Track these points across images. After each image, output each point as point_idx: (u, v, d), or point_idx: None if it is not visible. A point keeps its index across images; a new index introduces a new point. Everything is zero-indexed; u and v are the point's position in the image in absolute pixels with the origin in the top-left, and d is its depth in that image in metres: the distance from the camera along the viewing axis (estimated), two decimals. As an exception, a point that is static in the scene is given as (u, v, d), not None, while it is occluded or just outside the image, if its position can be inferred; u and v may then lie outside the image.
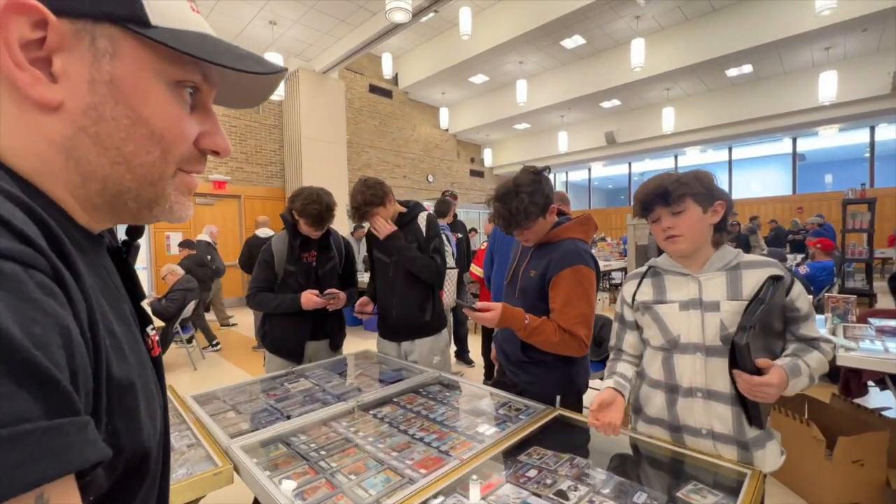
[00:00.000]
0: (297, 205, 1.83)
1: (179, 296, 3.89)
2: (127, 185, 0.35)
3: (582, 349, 1.35)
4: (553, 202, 1.41)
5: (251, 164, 8.12)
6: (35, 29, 0.29)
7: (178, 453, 1.13)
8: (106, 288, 0.34)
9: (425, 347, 1.89)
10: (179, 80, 0.36)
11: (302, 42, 7.46)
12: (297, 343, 1.92)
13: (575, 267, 1.35)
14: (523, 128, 12.87)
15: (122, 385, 0.30)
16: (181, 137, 0.37)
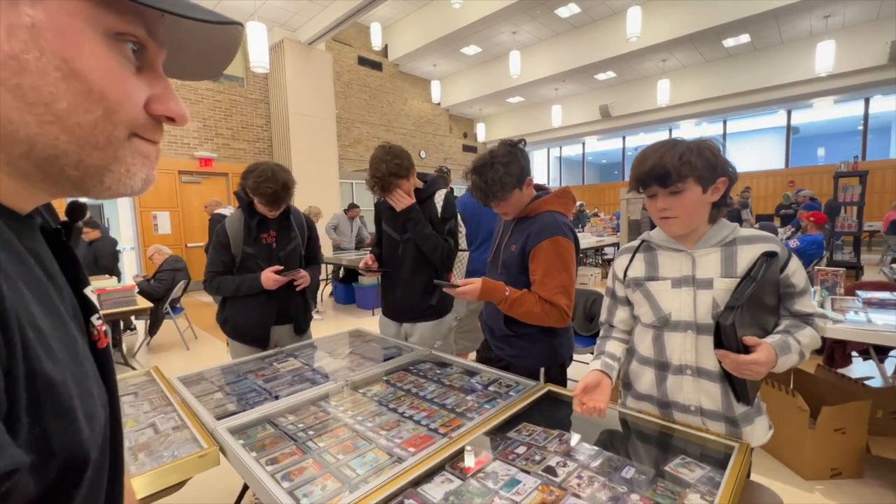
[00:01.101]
0: (249, 182, 1.68)
1: (168, 276, 3.84)
2: (62, 147, 0.30)
3: (564, 319, 1.37)
4: (529, 174, 1.43)
5: (238, 140, 7.90)
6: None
7: (164, 435, 1.11)
8: (31, 277, 0.30)
9: (427, 331, 1.85)
10: (118, 31, 0.31)
11: (286, 11, 7.14)
12: (261, 328, 1.81)
13: (553, 238, 1.36)
14: (517, 101, 12.63)
15: (51, 384, 0.27)
16: (126, 97, 0.32)
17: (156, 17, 0.34)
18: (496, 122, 14.03)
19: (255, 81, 8.10)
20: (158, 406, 1.29)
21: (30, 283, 0.29)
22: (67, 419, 0.28)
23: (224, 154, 7.70)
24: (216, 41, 0.38)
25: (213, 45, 0.39)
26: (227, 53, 0.40)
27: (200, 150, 7.39)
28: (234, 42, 0.39)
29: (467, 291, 1.38)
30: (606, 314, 1.29)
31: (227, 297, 1.83)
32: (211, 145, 7.54)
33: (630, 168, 1.09)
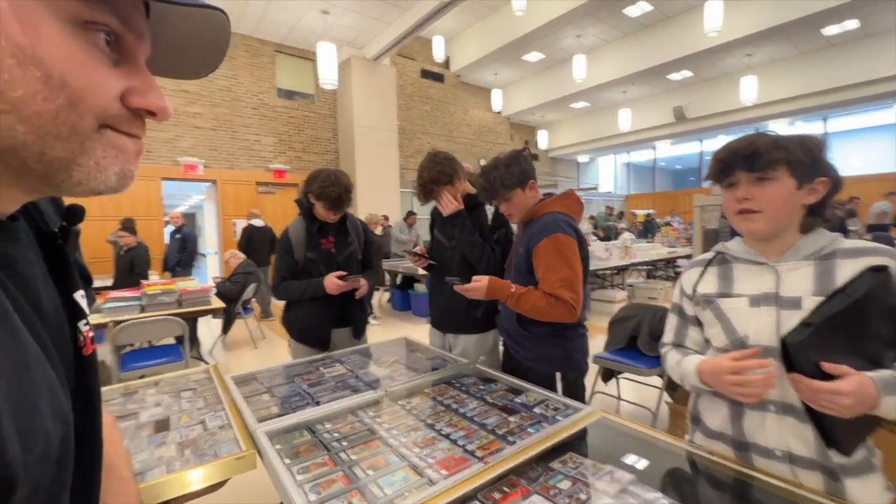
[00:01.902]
0: (314, 187, 1.78)
1: (241, 278, 4.14)
2: (21, 138, 0.28)
3: (571, 313, 1.40)
4: (533, 177, 1.53)
5: (308, 153, 8.44)
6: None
7: (210, 434, 1.15)
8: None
9: (470, 344, 1.80)
10: (85, 19, 0.30)
11: (353, 29, 7.54)
12: (322, 330, 1.91)
13: (551, 235, 1.42)
14: (581, 106, 12.20)
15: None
16: (93, 85, 0.30)
17: (129, 5, 0.32)
18: (559, 128, 13.66)
19: (325, 97, 8.62)
20: (211, 403, 1.35)
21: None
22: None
23: (296, 166, 8.26)
24: (205, 33, 0.36)
25: (202, 39, 0.37)
26: (218, 47, 0.38)
27: (275, 163, 7.99)
28: (223, 32, 0.37)
29: (475, 288, 1.48)
30: (674, 335, 1.14)
31: (290, 302, 1.92)
32: (284, 158, 8.13)
33: (712, 157, 0.95)
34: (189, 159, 7.13)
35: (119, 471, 0.52)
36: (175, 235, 5.68)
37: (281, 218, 8.15)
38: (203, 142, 7.33)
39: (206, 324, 4.85)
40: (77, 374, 0.38)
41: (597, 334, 4.58)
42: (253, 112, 7.82)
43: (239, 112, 7.67)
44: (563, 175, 15.11)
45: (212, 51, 0.38)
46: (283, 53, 8.20)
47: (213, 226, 7.83)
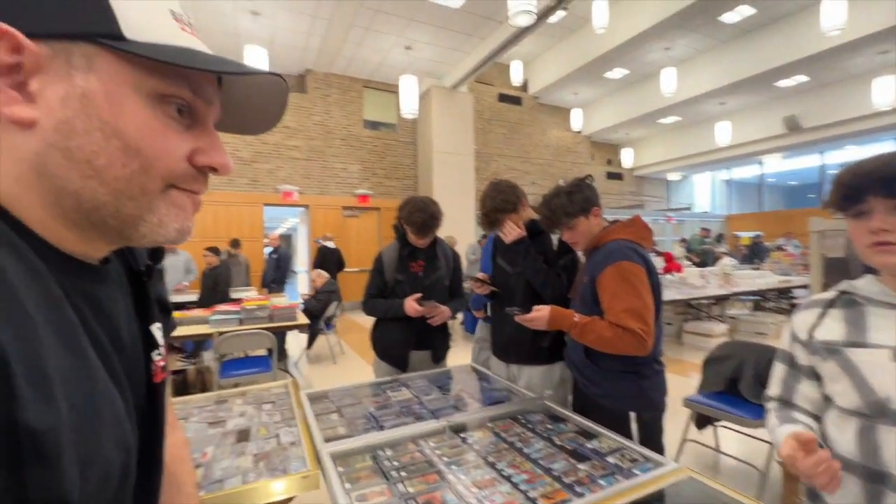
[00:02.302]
0: (404, 213, 1.89)
1: (324, 297, 4.45)
2: (102, 199, 0.34)
3: (641, 344, 1.30)
4: (597, 204, 1.48)
5: (390, 178, 8.95)
6: (13, 53, 0.30)
7: (283, 448, 1.22)
8: (61, 321, 0.33)
9: (535, 377, 1.71)
10: (162, 93, 0.35)
11: (433, 61, 7.93)
12: (402, 351, 1.96)
13: (616, 263, 1.35)
14: (671, 121, 11.39)
15: (33, 432, 0.27)
16: (163, 151, 0.35)
17: (201, 77, 0.37)
18: (646, 145, 12.86)
19: (406, 126, 9.12)
20: (287, 419, 1.43)
21: (57, 326, 0.32)
22: (49, 467, 0.28)
23: (378, 191, 8.79)
24: (267, 96, 0.42)
25: (265, 101, 0.42)
26: (277, 107, 0.43)
27: (359, 188, 8.58)
28: (282, 93, 0.41)
29: (536, 318, 1.44)
30: (780, 387, 0.96)
31: (378, 319, 2.03)
32: (368, 184, 8.71)
33: (834, 180, 0.81)
34: (286, 187, 7.96)
35: (187, 488, 0.56)
36: (272, 255, 6.32)
37: (364, 240, 8.69)
38: (299, 171, 8.16)
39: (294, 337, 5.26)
40: (147, 400, 0.42)
41: (690, 372, 4.09)
42: (342, 142, 8.54)
43: (330, 143, 8.43)
44: (651, 195, 14.09)
45: (273, 110, 0.43)
46: (370, 88, 8.89)
47: (304, 246, 8.58)
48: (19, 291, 0.29)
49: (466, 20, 6.59)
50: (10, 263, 0.30)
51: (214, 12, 6.27)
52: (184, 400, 1.61)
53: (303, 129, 8.21)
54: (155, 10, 0.35)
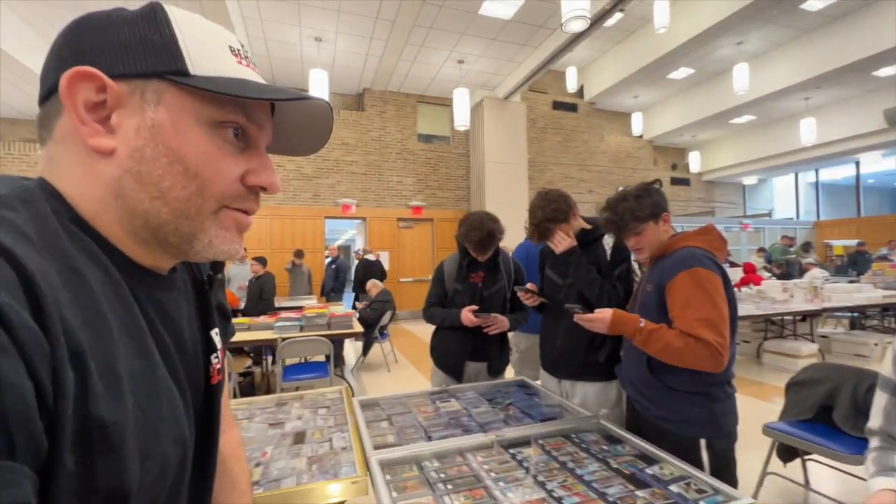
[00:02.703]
0: (461, 231, 1.90)
1: (379, 306, 4.58)
2: (164, 218, 0.37)
3: (716, 358, 1.18)
4: (667, 210, 1.39)
5: (443, 189, 9.09)
6: (98, 92, 0.35)
7: (335, 453, 1.26)
8: (132, 324, 0.36)
9: (590, 394, 1.62)
10: (220, 120, 0.39)
11: (486, 73, 7.99)
12: (457, 360, 1.96)
13: (691, 269, 1.25)
14: (745, 121, 10.52)
15: (103, 424, 0.30)
16: (219, 174, 0.39)
17: (254, 105, 0.40)
18: (715, 148, 11.96)
19: (459, 137, 9.25)
20: (339, 424, 1.48)
21: (129, 330, 0.35)
22: (114, 457, 0.31)
23: (431, 202, 8.95)
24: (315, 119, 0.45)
25: (312, 124, 0.46)
26: (326, 128, 0.46)
27: (414, 200, 8.80)
28: (327, 117, 0.45)
29: (597, 319, 1.36)
30: (883, 419, 0.84)
31: (437, 328, 2.06)
32: (422, 196, 8.90)
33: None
34: (346, 200, 8.37)
35: (241, 485, 0.59)
36: (331, 265, 6.64)
37: (418, 250, 8.86)
38: (357, 185, 8.54)
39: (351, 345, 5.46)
40: (204, 400, 0.46)
41: (772, 396, 3.68)
42: (397, 156, 8.83)
43: (385, 157, 8.75)
44: (724, 200, 13.02)
45: (320, 133, 0.47)
46: (424, 103, 9.14)
47: (361, 257, 8.93)
48: (99, 298, 0.33)
49: (518, 30, 6.58)
50: (93, 272, 0.34)
51: (283, 42, 6.82)
52: (249, 401, 1.72)
53: (361, 145, 8.61)
54: (215, 48, 0.39)
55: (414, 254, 8.86)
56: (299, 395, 1.78)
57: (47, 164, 0.37)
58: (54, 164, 0.37)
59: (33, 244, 0.30)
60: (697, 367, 1.21)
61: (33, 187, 0.34)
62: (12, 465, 0.24)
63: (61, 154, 0.36)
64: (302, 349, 3.30)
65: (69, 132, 0.36)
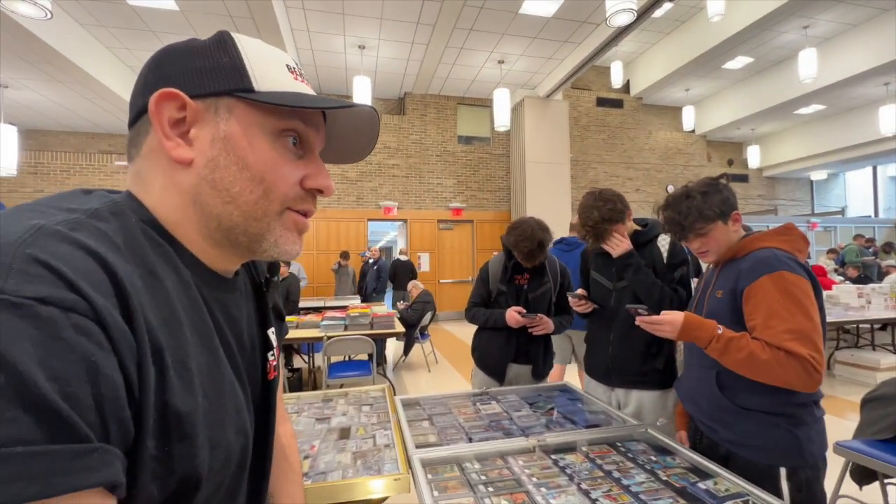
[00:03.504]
0: (511, 238, 1.88)
1: (420, 307, 4.64)
2: (235, 220, 0.41)
3: (811, 377, 1.02)
4: (736, 209, 1.25)
5: (482, 191, 9.06)
6: (180, 110, 0.39)
7: (378, 449, 1.29)
8: (201, 324, 0.40)
9: (647, 403, 1.54)
10: (281, 129, 0.42)
11: (527, 72, 7.89)
12: (499, 362, 1.95)
13: (776, 273, 1.09)
14: (813, 111, 9.69)
15: (178, 413, 0.34)
16: (281, 178, 0.42)
17: (310, 113, 0.44)
18: (778, 141, 11.10)
19: (499, 138, 9.18)
20: (382, 421, 1.52)
21: (199, 328, 0.39)
22: (188, 444, 0.34)
23: (471, 204, 8.95)
24: (363, 126, 0.48)
25: (361, 130, 0.49)
26: (373, 135, 0.50)
27: (454, 202, 8.83)
28: (374, 126, 0.48)
29: (666, 322, 1.19)
30: None
31: (479, 328, 2.06)
32: (462, 197, 8.92)
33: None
34: (387, 203, 8.55)
35: (294, 475, 0.63)
36: (373, 267, 6.81)
37: (458, 251, 8.89)
38: (398, 187, 8.71)
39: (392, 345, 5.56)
40: (262, 395, 0.49)
41: (845, 411, 3.36)
42: (437, 159, 8.91)
43: (426, 160, 8.86)
44: (788, 198, 12.06)
45: (366, 140, 0.51)
46: (464, 105, 9.16)
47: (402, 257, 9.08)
48: (173, 299, 0.37)
49: (560, 27, 6.44)
50: (169, 276, 0.38)
51: (329, 51, 7.09)
52: (297, 396, 1.80)
53: (402, 148, 8.77)
54: (276, 67, 0.43)
55: (454, 255, 8.90)
56: (344, 392, 1.84)
57: (135, 179, 0.42)
58: (141, 179, 0.42)
59: (120, 251, 0.33)
60: (787, 384, 1.06)
61: (121, 200, 0.39)
62: (108, 448, 0.28)
63: (147, 168, 0.41)
64: (346, 348, 3.41)
65: (154, 148, 0.40)
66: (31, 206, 0.34)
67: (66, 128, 8.24)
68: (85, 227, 0.32)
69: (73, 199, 0.36)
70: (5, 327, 0.25)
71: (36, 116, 7.68)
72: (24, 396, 0.24)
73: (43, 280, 0.27)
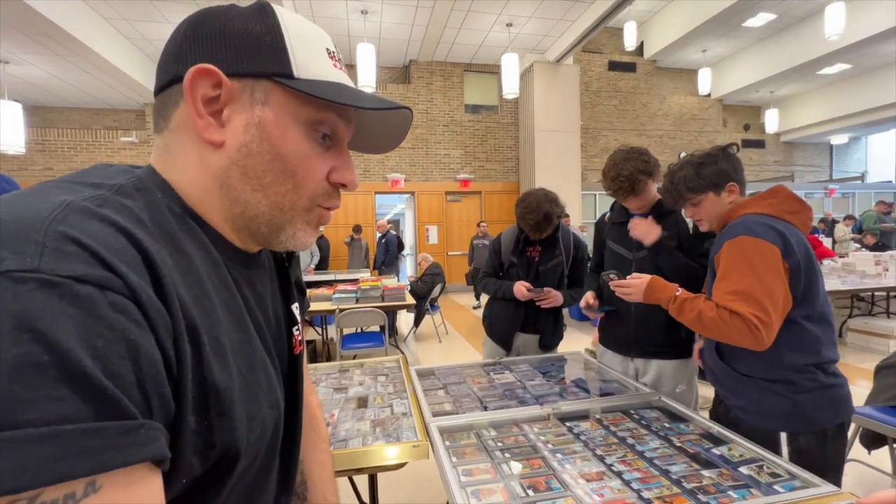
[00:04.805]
0: (518, 210, 1.88)
1: (429, 279, 4.67)
2: (262, 209, 0.40)
3: (753, 334, 1.06)
4: (735, 181, 1.26)
5: (490, 161, 8.91)
6: (215, 88, 0.37)
7: (396, 418, 1.33)
8: (231, 301, 0.40)
9: (668, 372, 1.54)
10: (314, 119, 0.41)
11: (537, 35, 7.58)
12: (507, 331, 1.98)
13: (735, 238, 1.14)
14: (837, 71, 9.25)
15: (216, 389, 0.34)
16: (310, 173, 0.41)
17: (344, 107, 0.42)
18: (798, 104, 10.68)
19: (507, 107, 8.93)
20: (399, 391, 1.55)
21: (229, 306, 0.39)
22: (226, 419, 0.35)
23: (479, 175, 8.82)
24: (395, 122, 0.47)
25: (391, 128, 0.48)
26: (402, 130, 0.48)
27: (461, 173, 8.71)
28: (406, 121, 0.46)
29: (632, 286, 1.31)
30: None
31: (490, 298, 2.09)
32: (469, 168, 8.79)
33: None
34: (394, 175, 8.47)
35: (322, 444, 0.65)
36: (381, 240, 6.83)
37: (466, 223, 8.85)
38: (405, 159, 8.59)
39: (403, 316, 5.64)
40: (289, 368, 0.50)
41: (856, 378, 3.38)
42: (444, 129, 8.73)
43: (433, 130, 8.68)
44: (805, 164, 11.70)
45: (396, 135, 0.49)
46: (471, 72, 8.88)
47: (411, 231, 9.07)
48: (203, 277, 0.36)
49: (572, -15, 6.13)
50: (197, 253, 0.37)
51: (330, 17, 6.84)
52: (314, 367, 1.84)
53: (408, 118, 8.59)
54: (317, 51, 0.41)
55: (462, 227, 8.86)
56: (359, 363, 1.88)
57: (161, 154, 0.41)
58: (168, 153, 0.40)
59: (148, 229, 0.33)
60: (734, 342, 1.11)
61: (145, 177, 0.38)
62: (152, 423, 0.28)
63: (175, 144, 0.40)
64: (358, 320, 3.46)
65: (184, 123, 0.39)
66: (56, 183, 0.33)
67: (70, 104, 8.18)
68: (112, 203, 0.32)
69: (97, 173, 0.36)
70: (45, 306, 0.24)
71: (40, 93, 7.62)
72: (70, 375, 0.24)
73: (78, 258, 0.27)
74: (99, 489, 0.25)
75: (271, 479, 0.46)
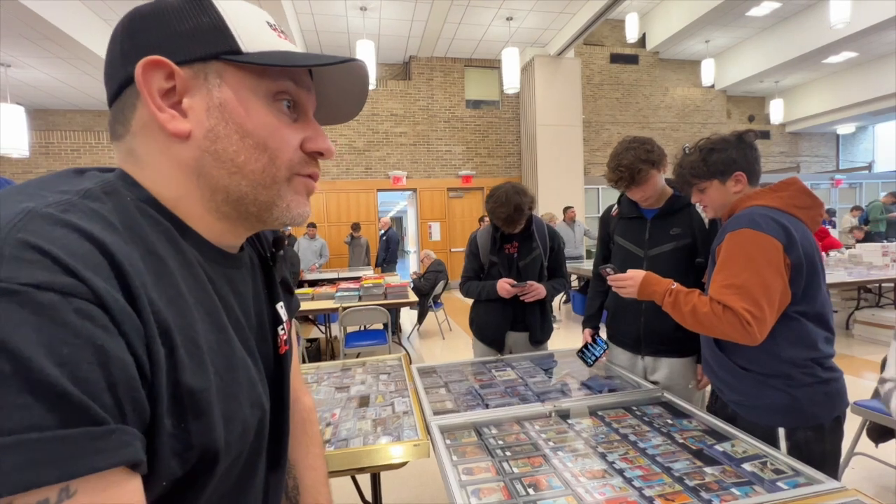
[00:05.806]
0: (488, 205, 1.87)
1: (432, 276, 4.66)
2: (244, 190, 0.40)
3: (746, 330, 1.05)
4: (744, 170, 1.22)
5: (492, 157, 8.87)
6: (168, 79, 0.37)
7: (397, 416, 1.32)
8: (207, 301, 0.39)
9: (677, 369, 1.52)
10: (274, 91, 0.40)
11: (536, 29, 7.51)
12: (497, 331, 1.97)
13: (738, 231, 1.12)
14: (842, 59, 9.12)
15: (192, 391, 0.34)
16: (283, 143, 0.41)
17: (299, 72, 0.42)
18: (804, 93, 10.54)
19: (509, 101, 8.88)
20: (400, 389, 1.55)
21: (205, 306, 0.38)
22: (204, 420, 0.34)
23: (481, 171, 8.79)
24: (354, 86, 0.46)
25: (351, 86, 0.46)
26: (362, 92, 0.47)
27: (463, 170, 8.69)
28: (363, 81, 0.45)
29: (627, 279, 1.29)
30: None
31: (475, 301, 2.07)
32: (471, 164, 8.76)
33: None
34: (396, 172, 8.45)
35: (316, 448, 0.64)
36: (382, 237, 6.83)
37: (468, 220, 8.83)
38: (407, 156, 8.57)
39: (406, 313, 5.65)
40: (275, 368, 0.49)
41: (862, 371, 3.35)
42: (445, 125, 8.69)
43: (434, 126, 8.65)
44: (811, 154, 11.57)
45: (357, 96, 0.48)
46: (472, 67, 8.82)
47: (413, 228, 9.07)
48: (177, 278, 0.36)
49: (572, -23, 6.06)
50: (170, 254, 0.37)
51: (329, 14, 6.82)
52: (317, 366, 1.85)
53: (409, 115, 8.56)
54: (258, 25, 0.41)
55: (464, 223, 8.84)
56: (361, 362, 1.88)
57: (126, 157, 0.40)
58: (134, 157, 0.39)
59: (118, 231, 0.32)
60: (727, 337, 1.11)
61: (114, 179, 0.37)
62: (126, 428, 0.28)
63: (141, 146, 0.39)
64: (361, 318, 3.47)
65: (146, 124, 0.38)
66: (20, 189, 0.32)
67: (72, 106, 8.22)
68: (78, 208, 0.31)
69: (65, 180, 0.35)
70: (4, 315, 0.24)
71: (42, 96, 7.65)
72: (32, 383, 0.24)
73: (39, 265, 0.26)
74: (73, 495, 0.25)
75: (257, 480, 0.45)
